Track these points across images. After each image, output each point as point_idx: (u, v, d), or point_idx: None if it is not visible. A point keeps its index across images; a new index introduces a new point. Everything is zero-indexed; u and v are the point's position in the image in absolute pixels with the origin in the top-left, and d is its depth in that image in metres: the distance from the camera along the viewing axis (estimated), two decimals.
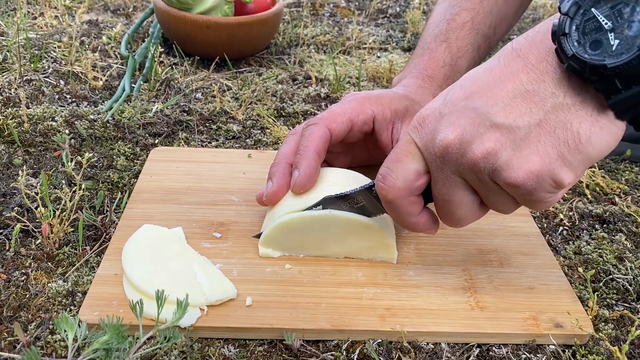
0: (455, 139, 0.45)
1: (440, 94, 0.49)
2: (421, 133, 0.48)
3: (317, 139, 0.59)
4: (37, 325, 0.52)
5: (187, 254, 0.58)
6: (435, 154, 0.47)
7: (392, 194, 0.50)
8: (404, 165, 0.49)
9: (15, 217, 0.62)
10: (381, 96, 0.63)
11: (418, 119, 0.49)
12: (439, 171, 0.48)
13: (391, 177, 0.50)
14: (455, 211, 0.50)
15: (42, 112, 0.81)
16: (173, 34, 1.00)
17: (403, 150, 0.50)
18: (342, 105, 0.62)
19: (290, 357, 0.51)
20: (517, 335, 0.53)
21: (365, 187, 0.56)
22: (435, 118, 0.47)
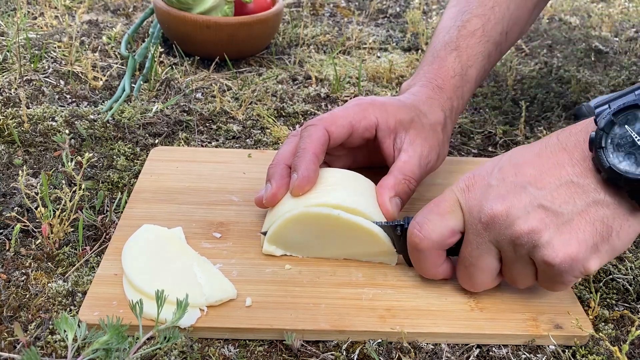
0: (503, 211, 0.49)
1: (489, 161, 0.53)
2: (467, 196, 0.51)
3: (316, 141, 0.59)
4: (37, 325, 0.52)
5: (187, 254, 0.58)
6: (480, 219, 0.50)
7: (424, 244, 0.53)
8: (444, 221, 0.52)
9: (15, 217, 0.62)
10: (387, 104, 0.63)
11: (466, 182, 0.52)
12: (477, 236, 0.51)
13: (428, 228, 0.52)
14: (477, 275, 0.53)
15: (42, 112, 0.81)
16: (173, 34, 1.00)
17: (447, 207, 0.52)
18: (345, 109, 0.62)
19: (290, 357, 0.51)
20: (516, 336, 0.53)
21: (390, 224, 0.57)
22: (483, 186, 0.51)
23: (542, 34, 1.23)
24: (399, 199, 0.60)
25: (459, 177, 0.72)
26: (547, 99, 0.96)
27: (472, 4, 0.71)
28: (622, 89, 0.96)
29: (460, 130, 0.87)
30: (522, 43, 1.16)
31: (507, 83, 1.00)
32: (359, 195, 0.58)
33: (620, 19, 1.33)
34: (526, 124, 0.88)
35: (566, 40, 1.20)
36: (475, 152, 0.82)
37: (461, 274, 0.55)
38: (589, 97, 0.96)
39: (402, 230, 0.56)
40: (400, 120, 0.62)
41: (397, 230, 0.56)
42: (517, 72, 1.04)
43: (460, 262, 0.54)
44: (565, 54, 1.14)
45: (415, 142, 0.62)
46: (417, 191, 0.70)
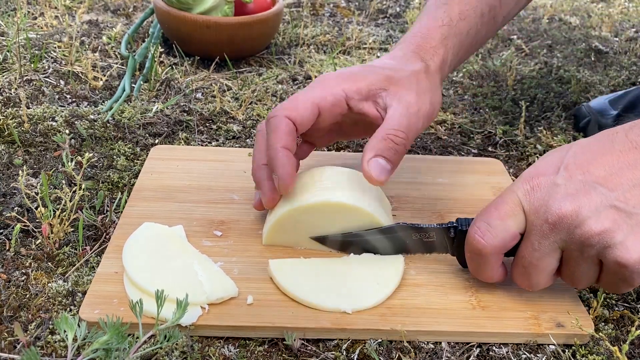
0: (573, 211, 0.48)
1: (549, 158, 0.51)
2: (531, 197, 0.50)
3: (281, 134, 0.56)
4: (37, 325, 0.52)
5: (188, 252, 0.58)
6: (547, 219, 0.49)
7: (487, 251, 0.51)
8: (506, 226, 0.51)
9: (15, 217, 0.62)
10: (354, 72, 0.60)
11: (529, 181, 0.50)
12: (541, 237, 0.50)
13: (491, 235, 0.51)
14: (535, 275, 0.52)
15: (42, 112, 0.81)
16: (173, 34, 1.00)
17: (508, 209, 0.51)
18: (306, 90, 0.59)
19: (291, 357, 0.51)
20: (518, 335, 0.53)
21: (443, 226, 0.56)
22: (549, 185, 0.49)
23: (542, 34, 1.23)
24: (383, 159, 0.55)
25: (460, 177, 0.73)
26: (547, 99, 0.96)
27: None
28: (622, 89, 0.96)
29: (460, 130, 0.87)
30: (522, 43, 1.16)
31: (507, 83, 1.00)
32: (361, 193, 0.58)
33: (620, 19, 1.33)
34: (526, 124, 0.88)
35: (566, 40, 1.20)
36: (475, 152, 0.82)
37: (518, 274, 0.53)
38: (589, 97, 0.96)
39: (455, 232, 0.55)
40: (372, 82, 0.59)
41: (450, 232, 0.55)
42: (517, 72, 1.04)
43: (518, 262, 0.52)
44: (565, 54, 1.14)
45: (398, 93, 0.58)
46: (419, 190, 0.71)
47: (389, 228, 0.57)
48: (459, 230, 0.55)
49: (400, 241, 0.58)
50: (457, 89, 0.99)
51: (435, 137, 0.85)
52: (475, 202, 0.69)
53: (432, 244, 0.57)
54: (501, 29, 0.94)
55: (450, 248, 0.57)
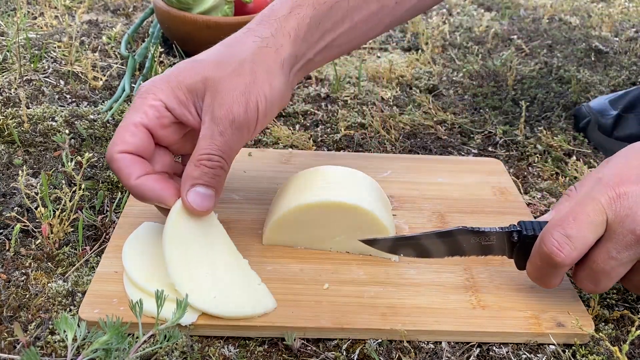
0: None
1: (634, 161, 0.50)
2: (617, 206, 0.48)
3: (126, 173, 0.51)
4: (37, 325, 0.52)
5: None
6: (633, 231, 0.47)
7: (566, 263, 0.50)
8: (585, 238, 0.49)
9: (15, 217, 0.62)
10: (169, 77, 0.52)
11: (615, 189, 0.48)
12: (623, 247, 0.48)
13: (569, 248, 0.49)
14: (604, 281, 0.51)
15: (42, 112, 0.81)
16: (173, 34, 1.00)
17: (588, 219, 0.48)
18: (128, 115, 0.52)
19: (291, 357, 0.51)
20: (518, 334, 0.53)
21: (506, 230, 0.54)
22: (637, 196, 0.48)
23: (542, 34, 1.23)
24: (201, 187, 0.51)
25: (460, 176, 0.73)
26: (547, 99, 0.96)
27: None
28: (622, 89, 0.96)
29: (460, 130, 0.87)
30: (522, 43, 1.16)
31: (507, 83, 1.00)
32: (361, 192, 0.58)
33: (620, 19, 1.33)
34: (526, 124, 0.88)
35: (566, 40, 1.20)
36: (475, 152, 0.82)
37: (585, 278, 0.51)
38: (589, 97, 0.96)
39: (519, 237, 0.54)
40: (188, 88, 0.52)
41: (513, 236, 0.54)
42: (517, 72, 1.04)
43: (587, 266, 0.50)
44: (565, 54, 1.14)
45: (211, 106, 0.51)
46: (419, 190, 0.71)
47: (447, 232, 0.55)
48: (522, 235, 0.53)
49: (456, 244, 0.56)
50: (457, 89, 0.99)
51: (435, 137, 0.85)
52: (475, 202, 0.69)
53: (490, 247, 0.56)
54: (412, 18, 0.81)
55: (509, 251, 0.55)
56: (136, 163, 0.52)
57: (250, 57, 0.52)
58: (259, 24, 0.55)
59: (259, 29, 0.54)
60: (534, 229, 0.53)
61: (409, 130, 0.86)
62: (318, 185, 0.59)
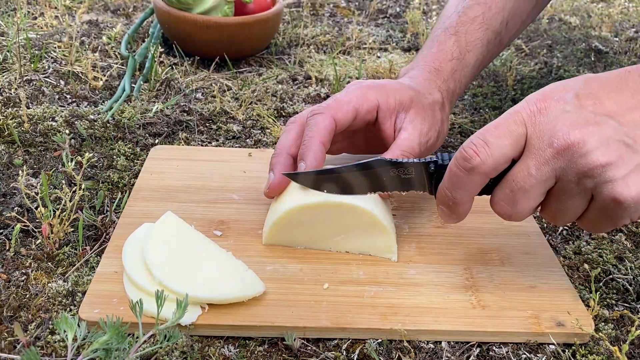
0: (581, 139, 0.46)
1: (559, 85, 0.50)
2: (537, 120, 0.48)
3: (323, 129, 0.59)
4: (37, 325, 0.52)
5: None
6: (551, 144, 0.47)
7: (480, 169, 0.49)
8: (503, 146, 0.49)
9: (15, 217, 0.62)
10: (386, 85, 0.64)
11: (536, 104, 0.49)
12: (541, 161, 0.48)
13: (486, 152, 0.49)
14: (522, 202, 0.50)
15: (42, 112, 0.81)
16: (173, 34, 1.00)
17: (508, 129, 0.49)
18: (347, 94, 0.62)
19: (291, 357, 0.51)
20: (518, 334, 0.53)
21: (423, 161, 0.54)
22: (558, 110, 0.48)
23: (542, 34, 1.23)
24: None
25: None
26: None
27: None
28: None
29: (461, 130, 0.87)
30: (522, 43, 1.16)
31: (507, 83, 1.00)
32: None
33: (620, 19, 1.33)
34: None
35: (566, 40, 1.20)
36: None
37: (503, 199, 0.51)
38: None
39: (436, 167, 0.53)
40: (400, 100, 0.63)
41: (430, 167, 0.54)
42: (517, 72, 1.04)
43: (505, 185, 0.50)
44: (565, 54, 1.14)
45: (415, 120, 0.63)
46: None
47: (367, 163, 0.56)
48: (439, 165, 0.53)
49: (376, 177, 0.56)
50: None
51: None
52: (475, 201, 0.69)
53: (410, 181, 0.56)
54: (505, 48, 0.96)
55: (429, 185, 0.55)
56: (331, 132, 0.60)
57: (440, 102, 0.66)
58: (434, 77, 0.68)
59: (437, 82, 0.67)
60: (450, 159, 0.52)
61: None
62: None
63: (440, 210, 0.54)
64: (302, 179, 0.58)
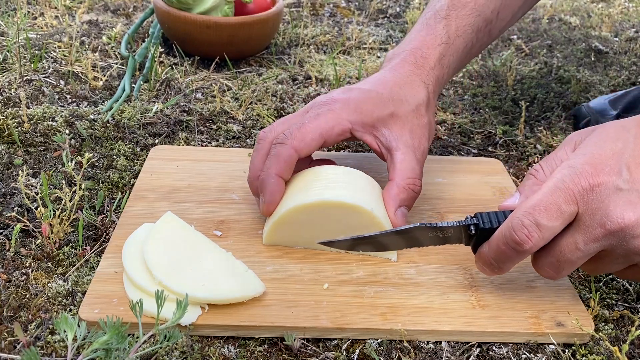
0: (636, 223, 0.46)
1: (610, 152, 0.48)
2: (589, 198, 0.47)
3: (282, 162, 0.58)
4: (37, 325, 0.52)
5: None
6: (603, 225, 0.46)
7: (532, 250, 0.49)
8: (555, 228, 0.48)
9: (15, 217, 0.62)
10: (361, 103, 0.61)
11: (589, 180, 0.47)
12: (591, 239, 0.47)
13: (538, 236, 0.48)
14: (566, 269, 0.50)
15: (42, 112, 0.81)
16: (173, 34, 1.00)
17: (560, 211, 0.47)
18: (315, 119, 0.60)
19: (291, 357, 0.51)
20: (518, 334, 0.53)
21: (463, 224, 0.54)
22: (610, 189, 0.46)
23: (542, 34, 1.23)
24: (405, 208, 0.59)
25: (460, 176, 0.73)
26: (547, 99, 0.96)
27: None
28: (622, 89, 0.96)
29: (460, 130, 0.87)
30: (522, 43, 1.16)
31: (507, 83, 1.00)
32: (361, 192, 0.58)
33: (620, 19, 1.33)
34: (526, 124, 0.88)
35: (566, 40, 1.20)
36: (475, 152, 0.82)
37: (548, 264, 0.50)
38: (589, 97, 0.96)
39: (477, 230, 0.53)
40: (377, 117, 0.61)
41: (470, 230, 0.53)
42: (517, 72, 1.04)
43: (552, 254, 0.50)
44: (565, 54, 1.14)
45: (403, 136, 0.61)
46: None
47: (405, 229, 0.55)
48: (480, 229, 0.53)
49: (414, 239, 0.56)
50: (457, 89, 0.99)
51: (435, 137, 0.85)
52: (475, 202, 0.70)
53: (448, 239, 0.55)
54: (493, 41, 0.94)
55: (467, 242, 0.55)
56: (291, 165, 0.59)
57: (425, 102, 0.64)
58: (419, 68, 0.65)
59: (421, 75, 0.65)
60: (491, 222, 0.52)
61: None
62: (317, 185, 0.59)
63: (480, 267, 0.54)
64: (339, 244, 0.58)
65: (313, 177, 0.60)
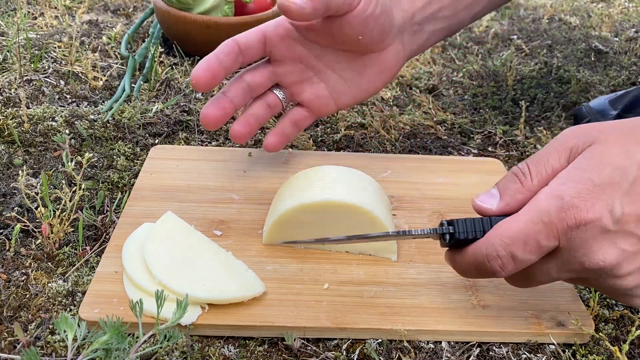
0: (614, 265, 0.44)
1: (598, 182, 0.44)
2: (573, 235, 0.44)
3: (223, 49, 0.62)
4: (37, 325, 0.52)
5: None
6: (582, 264, 0.44)
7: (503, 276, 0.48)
8: (530, 260, 0.46)
9: (15, 217, 0.62)
10: None
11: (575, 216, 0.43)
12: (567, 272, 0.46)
13: (512, 268, 0.46)
14: (536, 285, 0.49)
15: (42, 112, 0.81)
16: (173, 34, 1.00)
17: (539, 245, 0.45)
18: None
19: (291, 357, 0.51)
20: (519, 334, 0.53)
21: (438, 231, 0.51)
22: (597, 229, 0.43)
23: (542, 34, 1.23)
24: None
25: (460, 176, 0.73)
26: (547, 99, 0.96)
27: None
28: (622, 89, 0.96)
29: (460, 130, 0.87)
30: (522, 43, 1.16)
31: (507, 83, 1.00)
32: (361, 192, 0.58)
33: (620, 19, 1.33)
34: (526, 124, 0.88)
35: (566, 40, 1.20)
36: (475, 152, 0.82)
37: (519, 280, 0.50)
38: (589, 97, 0.96)
39: (451, 239, 0.50)
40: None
41: (445, 238, 0.50)
42: (517, 72, 1.04)
43: (525, 274, 0.48)
44: (565, 54, 1.14)
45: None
46: (419, 190, 0.71)
47: (369, 236, 0.54)
48: (456, 239, 0.50)
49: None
50: (457, 89, 0.99)
51: (435, 137, 0.85)
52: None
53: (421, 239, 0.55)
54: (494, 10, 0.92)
55: (441, 244, 0.52)
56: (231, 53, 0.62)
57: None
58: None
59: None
60: (467, 232, 0.49)
61: (409, 130, 0.86)
62: (318, 184, 0.59)
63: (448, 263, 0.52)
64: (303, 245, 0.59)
65: (313, 177, 0.60)
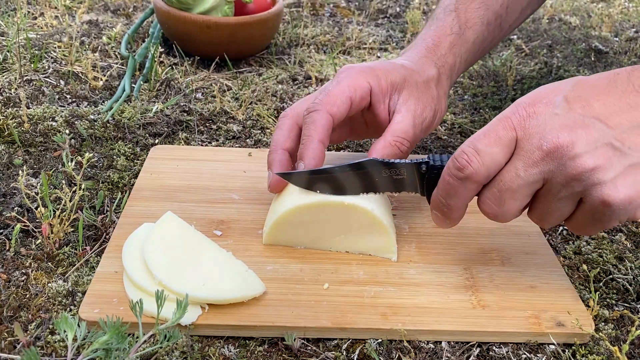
0: (570, 142, 0.47)
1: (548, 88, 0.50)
2: (527, 124, 0.48)
3: (320, 127, 0.58)
4: (37, 325, 0.52)
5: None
6: (540, 146, 0.47)
7: (471, 177, 0.50)
8: (494, 153, 0.49)
9: (15, 217, 0.62)
10: (376, 68, 0.63)
11: (526, 108, 0.49)
12: (530, 163, 0.48)
13: (477, 160, 0.49)
14: (509, 202, 0.50)
15: (42, 112, 0.81)
16: (173, 34, 1.00)
17: (498, 136, 0.49)
18: (338, 85, 0.61)
19: (291, 357, 0.51)
20: (518, 334, 0.53)
21: (415, 162, 0.54)
22: (548, 114, 0.48)
23: (542, 34, 1.23)
24: None
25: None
26: None
27: None
28: None
29: (460, 130, 0.87)
30: (522, 43, 1.17)
31: (507, 83, 1.00)
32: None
33: (620, 19, 1.33)
34: None
35: (566, 40, 1.20)
36: None
37: (490, 197, 0.51)
38: None
39: (427, 167, 0.54)
40: (392, 81, 0.62)
41: (421, 167, 0.54)
42: (517, 72, 1.04)
43: (494, 185, 0.50)
44: (565, 54, 1.14)
45: (408, 101, 0.62)
46: None
47: (359, 163, 0.56)
48: (430, 166, 0.53)
49: (369, 178, 0.57)
50: (457, 89, 0.99)
51: (435, 137, 0.85)
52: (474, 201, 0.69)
53: (402, 182, 0.56)
54: (506, 37, 0.96)
55: (420, 186, 0.55)
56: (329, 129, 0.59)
57: (435, 78, 0.66)
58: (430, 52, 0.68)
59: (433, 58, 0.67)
60: (442, 161, 0.53)
61: None
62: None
63: (434, 215, 0.55)
64: (295, 179, 0.58)
65: None
